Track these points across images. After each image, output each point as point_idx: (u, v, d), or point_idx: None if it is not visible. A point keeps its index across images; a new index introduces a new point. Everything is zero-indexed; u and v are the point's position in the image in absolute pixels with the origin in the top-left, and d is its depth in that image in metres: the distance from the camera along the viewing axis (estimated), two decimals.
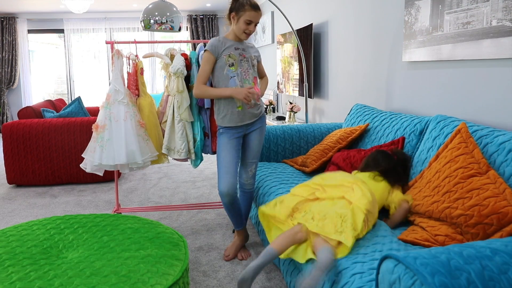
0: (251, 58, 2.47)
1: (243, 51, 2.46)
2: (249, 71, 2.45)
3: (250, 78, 2.46)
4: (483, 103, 2.16)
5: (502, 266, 1.07)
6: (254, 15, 2.35)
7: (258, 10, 2.37)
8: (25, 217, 3.46)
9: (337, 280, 1.54)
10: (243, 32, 2.38)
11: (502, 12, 1.94)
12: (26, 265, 1.66)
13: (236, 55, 2.42)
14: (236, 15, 2.37)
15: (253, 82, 2.47)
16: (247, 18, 2.34)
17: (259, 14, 2.37)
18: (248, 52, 2.48)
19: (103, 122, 2.88)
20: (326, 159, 2.72)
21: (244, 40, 2.47)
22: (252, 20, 2.36)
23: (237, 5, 2.37)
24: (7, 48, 8.02)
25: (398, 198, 1.97)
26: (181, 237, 1.95)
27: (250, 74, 2.46)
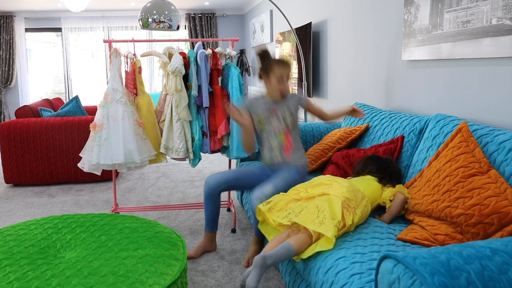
0: (283, 115, 2.45)
1: (278, 109, 2.46)
2: (279, 126, 2.46)
3: (279, 132, 2.45)
4: (483, 102, 2.15)
5: (502, 266, 1.07)
6: (283, 71, 2.37)
7: (287, 65, 2.38)
8: (22, 217, 3.45)
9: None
10: (278, 89, 2.40)
11: (502, 11, 1.93)
12: (24, 264, 1.65)
13: (265, 113, 2.45)
14: (266, 74, 2.41)
15: (283, 135, 2.46)
16: (278, 75, 2.37)
17: (287, 67, 2.38)
18: (281, 107, 2.46)
19: (101, 121, 2.87)
20: (325, 159, 2.71)
21: (280, 98, 2.46)
22: (283, 76, 2.37)
23: (264, 65, 2.41)
24: (5, 47, 8.00)
25: (392, 191, 2.01)
26: (179, 237, 1.94)
27: (280, 128, 2.45)
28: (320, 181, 2.02)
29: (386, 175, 2.15)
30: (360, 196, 1.90)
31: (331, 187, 1.92)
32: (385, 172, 2.16)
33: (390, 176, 2.16)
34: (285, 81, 2.40)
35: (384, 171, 2.16)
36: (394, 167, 2.20)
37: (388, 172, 2.16)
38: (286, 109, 2.45)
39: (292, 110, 2.46)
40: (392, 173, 2.17)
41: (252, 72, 8.06)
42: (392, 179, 2.16)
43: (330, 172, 2.52)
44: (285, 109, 2.45)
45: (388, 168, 2.17)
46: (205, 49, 3.01)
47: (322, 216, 1.73)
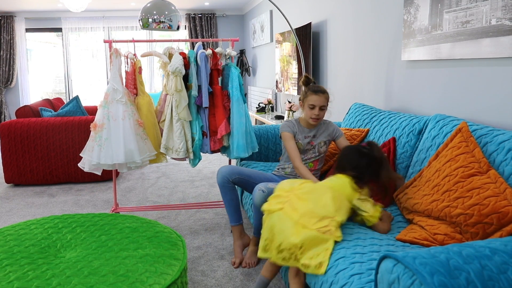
0: (319, 145, 2.49)
1: (313, 138, 2.49)
2: (312, 155, 2.50)
3: (311, 160, 2.50)
4: (482, 102, 2.16)
5: (502, 266, 1.07)
6: (316, 99, 2.37)
7: (320, 93, 2.39)
8: (23, 217, 3.45)
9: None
10: (310, 117, 2.41)
11: (502, 11, 1.94)
12: (24, 264, 1.65)
13: (303, 144, 2.48)
14: (302, 102, 2.45)
15: (312, 163, 2.50)
16: (310, 102, 2.38)
17: (321, 97, 2.38)
18: (318, 138, 2.49)
19: (101, 121, 2.87)
20: (326, 167, 2.72)
21: (312, 126, 2.48)
22: (315, 104, 2.38)
23: (302, 92, 2.45)
24: (5, 47, 8.00)
25: (367, 215, 1.87)
26: (179, 237, 1.94)
27: (313, 157, 2.50)
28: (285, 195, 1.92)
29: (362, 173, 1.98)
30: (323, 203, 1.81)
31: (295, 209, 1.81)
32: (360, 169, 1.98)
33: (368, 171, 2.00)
34: (316, 110, 2.39)
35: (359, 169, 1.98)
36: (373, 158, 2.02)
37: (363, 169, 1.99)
38: (322, 141, 2.49)
39: (327, 141, 2.51)
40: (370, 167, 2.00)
41: (252, 72, 8.06)
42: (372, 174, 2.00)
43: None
44: (321, 141, 2.49)
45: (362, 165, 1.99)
46: (205, 49, 3.01)
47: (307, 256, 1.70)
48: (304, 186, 1.95)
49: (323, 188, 1.92)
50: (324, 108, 2.41)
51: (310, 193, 1.87)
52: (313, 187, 1.95)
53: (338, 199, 1.84)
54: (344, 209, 1.83)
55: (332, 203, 1.80)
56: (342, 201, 1.85)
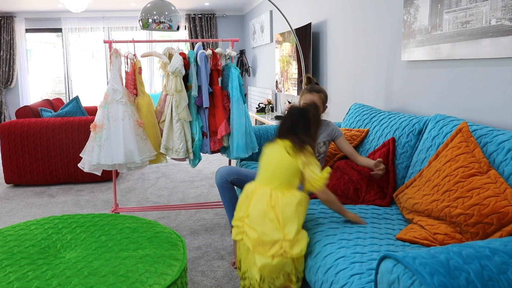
0: (318, 146, 2.47)
1: None
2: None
3: None
4: (482, 103, 2.16)
5: (502, 266, 1.07)
6: (309, 98, 2.40)
7: (314, 93, 2.41)
8: (22, 217, 3.45)
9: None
10: None
11: (501, 11, 1.94)
12: (24, 265, 1.65)
13: None
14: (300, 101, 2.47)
15: None
16: (303, 101, 2.41)
17: (314, 96, 2.40)
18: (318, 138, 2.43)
19: (101, 121, 2.87)
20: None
21: None
22: (307, 102, 2.38)
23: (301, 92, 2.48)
24: (5, 47, 8.00)
25: (311, 179, 1.82)
26: (179, 237, 1.94)
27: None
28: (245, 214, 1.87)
29: (297, 134, 1.89)
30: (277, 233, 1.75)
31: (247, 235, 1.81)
32: (293, 131, 1.90)
33: (304, 130, 1.91)
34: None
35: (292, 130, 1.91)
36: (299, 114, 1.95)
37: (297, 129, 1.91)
38: (322, 141, 2.48)
39: (326, 141, 2.49)
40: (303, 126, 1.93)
41: (252, 73, 8.06)
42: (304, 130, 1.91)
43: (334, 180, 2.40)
44: (320, 141, 2.47)
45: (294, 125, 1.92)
46: (205, 49, 3.01)
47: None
48: (250, 212, 1.83)
49: (265, 208, 1.80)
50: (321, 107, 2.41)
51: (256, 219, 1.79)
52: (257, 211, 1.80)
53: (283, 209, 1.77)
54: (292, 215, 1.76)
55: (277, 223, 1.75)
56: (288, 204, 1.78)
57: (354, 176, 2.34)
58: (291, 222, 1.75)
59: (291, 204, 1.78)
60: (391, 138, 2.39)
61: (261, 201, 1.81)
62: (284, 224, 1.75)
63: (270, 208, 1.77)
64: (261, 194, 1.83)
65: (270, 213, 1.76)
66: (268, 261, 1.73)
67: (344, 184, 2.32)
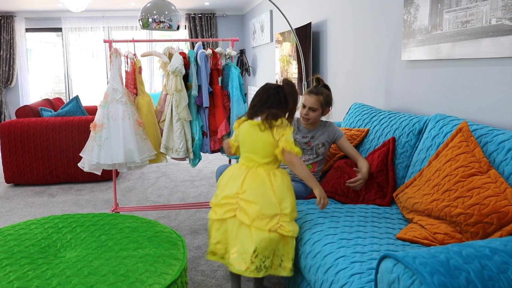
0: (316, 147, 2.46)
1: (311, 139, 2.47)
2: (310, 157, 2.48)
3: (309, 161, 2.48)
4: (482, 102, 2.16)
5: (502, 266, 1.07)
6: (306, 99, 2.39)
7: (312, 95, 2.39)
8: (22, 217, 3.45)
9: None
10: (300, 116, 2.43)
11: (502, 11, 1.94)
12: (24, 264, 1.65)
13: (300, 143, 2.47)
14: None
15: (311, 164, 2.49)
16: (302, 101, 2.41)
17: (312, 98, 2.38)
18: (316, 140, 2.46)
19: (101, 121, 2.87)
20: (326, 167, 2.72)
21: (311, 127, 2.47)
22: (305, 104, 2.39)
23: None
24: (5, 47, 8.00)
25: (279, 151, 1.90)
26: (179, 237, 1.94)
27: (311, 158, 2.48)
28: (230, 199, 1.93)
29: (270, 109, 1.94)
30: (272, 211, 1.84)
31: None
32: (268, 106, 1.94)
33: (277, 105, 1.95)
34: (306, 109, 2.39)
35: (266, 106, 1.95)
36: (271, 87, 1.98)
37: (271, 105, 1.95)
38: (321, 142, 2.46)
39: (326, 143, 2.47)
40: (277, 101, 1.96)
41: (252, 72, 8.06)
42: (281, 106, 1.96)
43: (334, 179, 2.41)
44: (319, 143, 2.46)
45: (267, 101, 1.96)
46: (205, 49, 3.01)
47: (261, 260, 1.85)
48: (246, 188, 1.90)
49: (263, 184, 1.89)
50: (315, 110, 2.38)
51: (255, 194, 1.87)
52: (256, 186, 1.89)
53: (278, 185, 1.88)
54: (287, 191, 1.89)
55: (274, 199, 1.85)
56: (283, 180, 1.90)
57: (354, 176, 2.34)
58: (286, 198, 1.87)
59: (285, 180, 1.91)
60: (391, 137, 2.38)
61: (257, 178, 1.90)
62: (281, 200, 1.86)
63: (268, 185, 1.88)
64: (255, 173, 1.92)
65: (269, 189, 1.86)
66: (265, 234, 1.81)
67: (343, 183, 2.32)
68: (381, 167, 2.31)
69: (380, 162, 2.32)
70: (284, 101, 1.97)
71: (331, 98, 2.47)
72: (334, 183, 2.35)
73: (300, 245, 1.84)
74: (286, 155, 1.89)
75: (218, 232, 1.96)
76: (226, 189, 1.96)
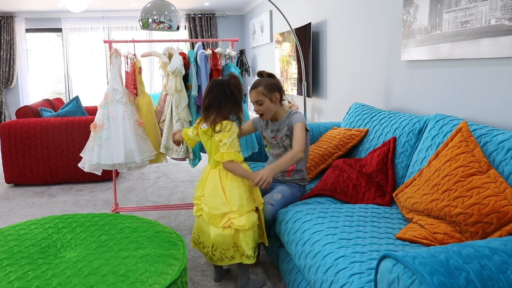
0: (281, 140, 2.40)
1: (277, 132, 2.41)
2: (278, 150, 2.45)
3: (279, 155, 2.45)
4: (482, 102, 2.16)
5: (501, 266, 1.07)
6: (251, 95, 2.35)
7: (253, 89, 2.33)
8: (23, 217, 3.45)
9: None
10: (256, 112, 2.40)
11: (501, 11, 1.94)
12: (24, 264, 1.65)
13: (269, 138, 2.46)
14: None
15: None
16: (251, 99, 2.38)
17: (252, 92, 2.32)
18: (280, 132, 2.39)
19: (101, 121, 2.87)
20: (325, 166, 2.72)
21: (275, 119, 2.42)
22: (252, 100, 2.36)
23: None
24: (5, 47, 8.00)
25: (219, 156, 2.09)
26: (179, 237, 1.95)
27: (279, 152, 2.45)
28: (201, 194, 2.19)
29: (216, 109, 2.09)
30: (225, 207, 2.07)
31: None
32: (211, 107, 2.10)
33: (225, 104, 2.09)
34: (256, 106, 2.34)
35: (213, 106, 2.10)
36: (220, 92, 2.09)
37: (215, 103, 2.09)
38: (284, 134, 2.39)
39: (290, 134, 2.37)
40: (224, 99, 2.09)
41: (252, 73, 8.07)
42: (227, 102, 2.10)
43: (332, 178, 2.41)
44: (283, 135, 2.39)
45: (212, 101, 2.10)
46: (205, 49, 3.01)
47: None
48: (205, 191, 2.14)
49: (215, 186, 2.11)
50: (261, 103, 2.31)
51: (208, 196, 2.11)
52: (209, 189, 2.12)
53: (228, 185, 2.09)
54: (235, 189, 2.07)
55: (225, 199, 2.07)
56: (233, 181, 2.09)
57: (353, 174, 2.34)
58: (234, 195, 2.07)
59: (235, 180, 2.09)
60: (392, 137, 2.38)
61: (212, 180, 2.13)
62: (230, 198, 2.07)
63: (219, 186, 2.09)
64: (212, 175, 2.15)
65: (219, 190, 2.08)
66: (219, 231, 2.05)
67: (343, 181, 2.32)
68: (380, 166, 2.31)
69: (380, 161, 2.33)
70: (230, 95, 2.10)
71: (275, 83, 2.36)
72: (333, 182, 2.36)
73: (300, 245, 1.84)
74: (223, 165, 2.10)
75: (195, 225, 2.26)
76: (197, 191, 2.24)
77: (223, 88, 2.09)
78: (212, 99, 2.09)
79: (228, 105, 2.10)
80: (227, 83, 2.11)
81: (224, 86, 2.10)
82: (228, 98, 2.09)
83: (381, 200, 2.20)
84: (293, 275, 1.95)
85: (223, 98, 2.09)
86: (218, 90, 2.09)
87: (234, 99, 2.11)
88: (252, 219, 2.07)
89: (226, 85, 2.10)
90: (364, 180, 2.30)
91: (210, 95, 2.10)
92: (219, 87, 2.10)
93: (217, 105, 2.08)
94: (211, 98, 2.10)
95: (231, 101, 2.10)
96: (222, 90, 2.09)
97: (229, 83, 2.11)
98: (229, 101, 2.10)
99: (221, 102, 2.08)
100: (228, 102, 2.10)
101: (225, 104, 2.09)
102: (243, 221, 2.04)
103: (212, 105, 2.09)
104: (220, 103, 2.08)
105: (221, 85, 2.10)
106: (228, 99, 2.10)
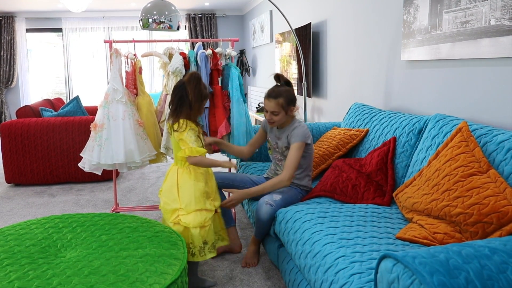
0: (281, 150, 2.43)
1: (278, 140, 2.44)
2: (281, 161, 2.46)
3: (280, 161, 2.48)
4: (482, 102, 2.16)
5: (501, 266, 1.07)
6: (266, 104, 2.36)
7: (271, 99, 2.33)
8: (23, 216, 3.45)
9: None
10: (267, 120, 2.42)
11: (501, 11, 1.94)
12: (25, 264, 1.66)
13: (272, 141, 2.50)
14: None
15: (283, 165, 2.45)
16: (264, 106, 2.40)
17: (271, 102, 2.33)
18: (281, 141, 2.41)
19: (101, 121, 2.87)
20: (325, 166, 2.72)
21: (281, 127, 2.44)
22: (267, 109, 2.36)
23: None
24: (6, 47, 8.00)
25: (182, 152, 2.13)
26: (179, 236, 1.95)
27: (279, 158, 2.47)
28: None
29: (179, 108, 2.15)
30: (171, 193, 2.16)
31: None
32: (175, 108, 2.16)
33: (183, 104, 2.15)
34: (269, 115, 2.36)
35: (176, 107, 2.17)
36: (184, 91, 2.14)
37: (176, 104, 2.16)
38: (284, 146, 2.41)
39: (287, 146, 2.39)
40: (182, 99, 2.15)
41: (252, 73, 8.07)
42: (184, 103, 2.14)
43: (332, 178, 2.42)
44: (282, 146, 2.42)
45: (174, 101, 2.17)
46: (205, 49, 3.01)
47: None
48: (164, 184, 2.24)
49: (170, 183, 2.19)
50: (277, 114, 2.33)
51: (164, 192, 2.20)
52: (166, 186, 2.21)
53: (181, 183, 2.15)
54: (187, 187, 2.12)
55: (177, 196, 2.13)
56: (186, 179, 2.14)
57: (352, 174, 2.34)
58: (184, 193, 2.13)
59: (187, 178, 2.14)
60: (392, 137, 2.38)
61: (171, 177, 2.19)
62: (182, 195, 2.12)
63: (174, 183, 2.15)
64: (172, 171, 2.21)
65: (174, 187, 2.15)
66: (170, 226, 2.12)
67: (342, 182, 2.33)
68: (380, 165, 2.32)
69: (379, 161, 2.33)
70: (186, 96, 2.14)
71: (293, 95, 2.38)
72: (333, 182, 2.36)
73: (300, 244, 1.84)
74: (188, 160, 2.13)
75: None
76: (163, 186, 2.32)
77: (182, 89, 2.15)
78: (173, 99, 2.18)
79: (184, 106, 2.15)
80: (184, 84, 2.16)
81: (182, 87, 2.15)
82: (185, 100, 2.14)
83: (380, 200, 2.21)
84: (293, 275, 1.95)
85: (181, 98, 2.15)
86: (178, 91, 2.16)
87: (189, 100, 2.14)
88: (198, 219, 2.10)
89: (183, 86, 2.15)
90: (363, 180, 2.30)
91: (172, 95, 2.18)
92: (178, 88, 2.17)
93: (176, 105, 2.16)
94: (172, 98, 2.18)
95: (188, 104, 2.15)
96: (180, 91, 2.15)
97: (187, 83, 2.15)
98: (186, 103, 2.15)
99: (179, 103, 2.15)
100: (185, 104, 2.15)
101: (181, 105, 2.15)
102: (189, 219, 2.10)
103: (173, 104, 2.18)
104: (178, 103, 2.15)
105: (180, 86, 2.16)
106: (185, 101, 2.14)
